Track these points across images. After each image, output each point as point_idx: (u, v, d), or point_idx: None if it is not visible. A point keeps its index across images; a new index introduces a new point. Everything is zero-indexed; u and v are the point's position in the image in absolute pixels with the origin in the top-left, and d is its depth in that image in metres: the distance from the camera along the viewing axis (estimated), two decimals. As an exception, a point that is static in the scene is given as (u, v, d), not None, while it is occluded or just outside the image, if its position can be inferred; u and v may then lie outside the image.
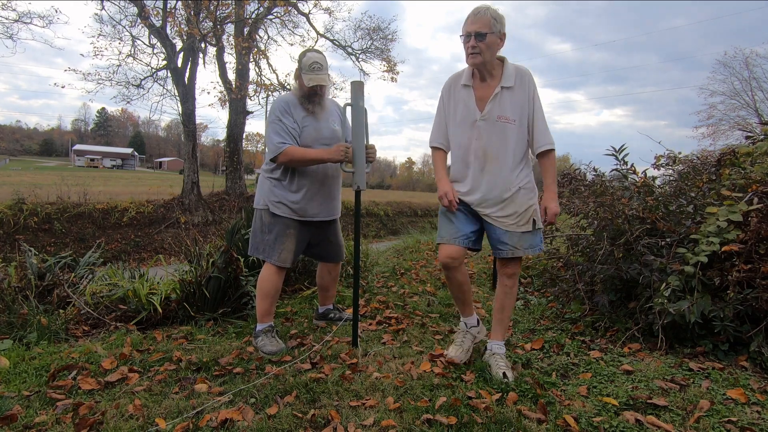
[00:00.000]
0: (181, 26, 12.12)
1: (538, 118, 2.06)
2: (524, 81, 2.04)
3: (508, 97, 2.04)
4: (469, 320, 2.36)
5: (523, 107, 2.05)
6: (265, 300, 2.51)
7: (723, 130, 19.85)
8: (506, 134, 2.05)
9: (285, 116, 2.44)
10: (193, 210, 13.24)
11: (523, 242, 2.09)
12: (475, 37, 1.97)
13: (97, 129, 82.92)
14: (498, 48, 2.03)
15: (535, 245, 2.11)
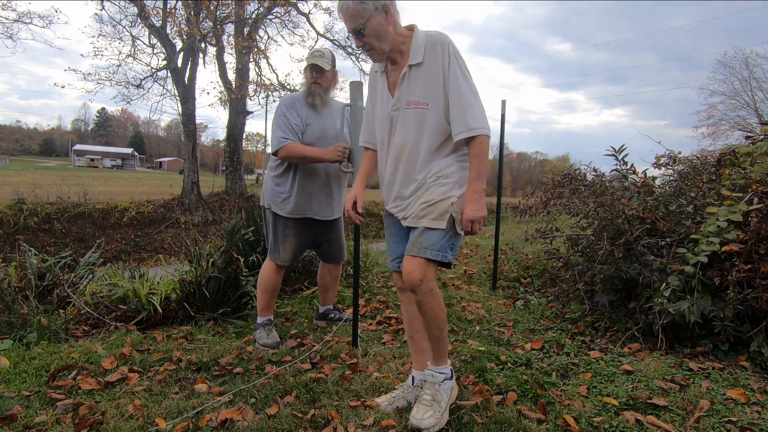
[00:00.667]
0: (181, 26, 12.12)
1: (454, 96, 1.58)
2: (436, 51, 1.58)
3: (417, 77, 1.62)
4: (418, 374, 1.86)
5: (438, 85, 1.60)
6: (264, 294, 2.58)
7: (723, 130, 19.88)
8: (422, 124, 1.63)
9: (289, 112, 2.47)
10: (193, 210, 13.23)
11: (424, 239, 1.60)
12: (356, 36, 1.61)
13: (97, 129, 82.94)
14: (388, 25, 1.60)
15: (440, 248, 1.59)
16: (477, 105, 1.59)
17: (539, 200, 4.26)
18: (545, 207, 4.18)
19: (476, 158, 1.59)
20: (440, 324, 1.68)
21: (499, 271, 4.35)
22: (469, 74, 1.61)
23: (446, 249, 1.61)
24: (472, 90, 1.60)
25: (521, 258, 4.95)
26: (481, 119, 1.57)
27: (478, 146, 1.58)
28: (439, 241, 1.60)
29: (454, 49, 1.60)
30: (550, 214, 4.23)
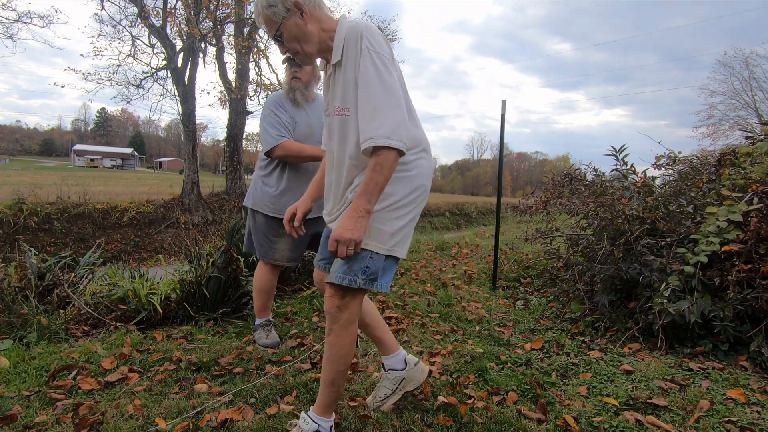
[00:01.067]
0: (181, 26, 12.13)
1: (362, 96, 1.34)
2: (350, 47, 1.37)
3: (338, 79, 1.43)
4: (387, 359, 1.79)
5: (354, 87, 1.38)
6: (260, 296, 2.54)
7: (723, 130, 19.89)
8: (345, 132, 1.45)
9: (279, 110, 2.42)
10: (193, 210, 13.24)
11: (336, 262, 1.43)
12: (276, 43, 1.47)
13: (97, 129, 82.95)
14: (306, 24, 1.42)
15: (345, 271, 1.38)
16: (387, 108, 1.30)
17: (539, 200, 4.26)
18: (545, 207, 4.18)
19: (369, 172, 1.30)
20: (341, 366, 1.45)
21: (499, 271, 4.35)
22: (387, 70, 1.34)
23: (355, 272, 1.38)
24: (386, 89, 1.31)
25: (521, 258, 4.95)
26: (387, 127, 1.28)
27: (374, 159, 1.30)
28: (346, 263, 1.39)
29: (369, 42, 1.34)
30: (550, 214, 4.24)
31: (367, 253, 1.40)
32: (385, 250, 1.42)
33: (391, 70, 1.35)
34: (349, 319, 1.43)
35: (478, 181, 74.02)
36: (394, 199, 1.41)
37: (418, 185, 1.47)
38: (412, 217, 1.48)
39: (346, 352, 1.45)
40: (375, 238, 1.40)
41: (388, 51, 1.38)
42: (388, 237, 1.41)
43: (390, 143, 1.28)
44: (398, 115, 1.31)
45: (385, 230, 1.41)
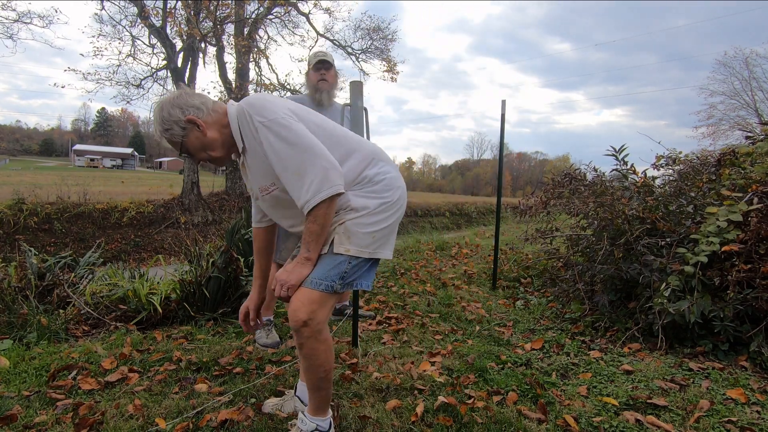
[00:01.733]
0: (181, 26, 12.13)
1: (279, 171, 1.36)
2: (245, 130, 1.40)
3: (252, 163, 1.47)
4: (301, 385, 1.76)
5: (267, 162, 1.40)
6: None
7: (723, 130, 19.90)
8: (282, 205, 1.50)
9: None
10: (193, 210, 13.24)
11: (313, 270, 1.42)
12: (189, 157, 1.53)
13: (97, 129, 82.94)
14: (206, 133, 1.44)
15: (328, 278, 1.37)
16: (307, 167, 1.31)
17: (539, 200, 4.26)
18: (545, 207, 4.18)
19: (307, 224, 1.35)
20: (321, 373, 1.43)
21: (499, 271, 4.35)
22: (288, 129, 1.33)
23: (332, 278, 1.37)
24: (296, 149, 1.32)
25: (521, 258, 4.95)
26: (315, 186, 1.30)
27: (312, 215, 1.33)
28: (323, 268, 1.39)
29: (256, 116, 1.35)
30: (550, 214, 4.24)
31: (345, 258, 1.40)
32: (367, 254, 1.43)
33: (293, 126, 1.34)
34: (318, 330, 1.38)
35: (478, 181, 74.03)
36: (374, 206, 1.44)
37: (393, 188, 1.49)
38: (393, 221, 1.50)
39: (321, 362, 1.42)
40: (355, 243, 1.41)
41: (281, 109, 1.37)
42: (370, 240, 1.43)
43: (323, 197, 1.31)
44: (320, 166, 1.31)
45: (365, 234, 1.42)
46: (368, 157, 1.50)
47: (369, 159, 1.50)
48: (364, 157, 1.49)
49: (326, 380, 1.47)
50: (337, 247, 1.40)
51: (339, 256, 1.40)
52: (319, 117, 1.49)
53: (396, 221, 1.53)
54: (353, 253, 1.41)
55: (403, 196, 1.55)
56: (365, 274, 1.47)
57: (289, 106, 1.42)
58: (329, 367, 1.45)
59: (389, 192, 1.48)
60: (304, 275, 1.38)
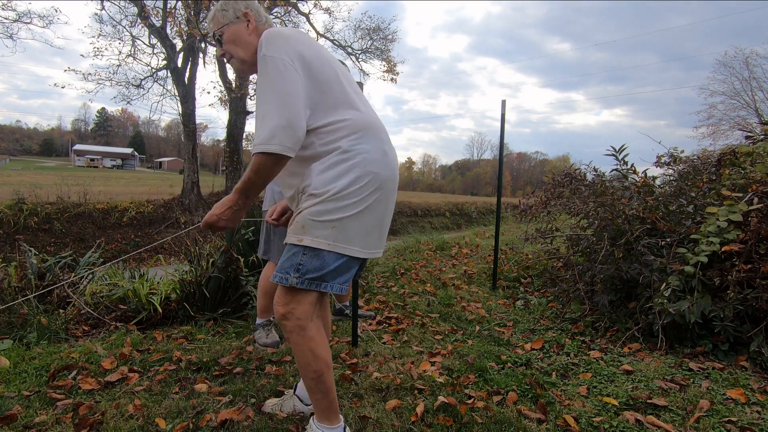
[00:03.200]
0: (181, 26, 12.13)
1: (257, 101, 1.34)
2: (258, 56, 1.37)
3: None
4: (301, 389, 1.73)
5: None
6: (264, 297, 2.57)
7: (723, 130, 19.91)
8: None
9: None
10: (193, 210, 13.24)
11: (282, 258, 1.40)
12: (217, 43, 1.52)
13: (97, 129, 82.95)
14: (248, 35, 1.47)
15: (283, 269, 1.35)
16: (271, 114, 1.26)
17: (539, 200, 4.26)
18: (545, 207, 4.18)
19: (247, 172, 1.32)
20: (310, 374, 1.37)
21: (499, 271, 4.35)
22: (279, 72, 1.29)
23: (286, 270, 1.34)
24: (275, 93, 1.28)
25: (521, 258, 4.95)
26: (265, 133, 1.25)
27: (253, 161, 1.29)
28: (282, 261, 1.37)
29: (266, 49, 1.32)
30: (551, 214, 4.24)
31: (299, 248, 1.33)
32: (326, 245, 1.32)
33: (285, 73, 1.29)
34: (298, 325, 1.35)
35: (478, 181, 74.02)
36: (334, 191, 1.32)
37: (363, 173, 1.34)
38: (362, 209, 1.35)
39: (308, 360, 1.36)
40: (309, 233, 1.33)
41: (287, 51, 1.31)
42: (329, 231, 1.32)
43: (264, 149, 1.25)
44: (278, 120, 1.25)
45: (322, 224, 1.32)
46: (355, 126, 1.37)
47: (354, 128, 1.37)
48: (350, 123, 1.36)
49: (317, 383, 1.38)
50: (290, 237, 1.36)
51: (293, 246, 1.35)
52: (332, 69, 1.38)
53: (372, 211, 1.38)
54: (306, 243, 1.32)
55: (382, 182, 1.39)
56: (332, 274, 1.35)
57: (302, 50, 1.33)
58: (316, 368, 1.37)
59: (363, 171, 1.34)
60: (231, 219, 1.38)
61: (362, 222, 1.36)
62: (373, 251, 1.43)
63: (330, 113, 1.35)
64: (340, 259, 1.36)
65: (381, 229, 1.44)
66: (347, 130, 1.36)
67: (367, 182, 1.35)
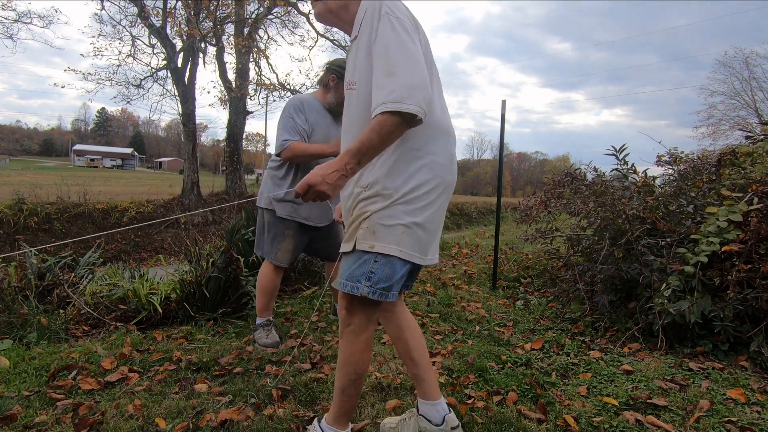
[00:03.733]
0: (181, 26, 12.13)
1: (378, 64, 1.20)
2: (366, 17, 1.25)
3: (353, 53, 1.33)
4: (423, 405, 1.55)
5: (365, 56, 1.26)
6: (263, 296, 2.57)
7: (723, 130, 19.92)
8: (348, 108, 1.35)
9: (298, 115, 2.46)
10: (193, 210, 13.24)
11: (342, 266, 1.34)
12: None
13: (97, 129, 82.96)
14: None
15: (348, 277, 1.28)
16: (404, 72, 1.15)
17: (539, 200, 4.26)
18: (545, 207, 4.18)
19: (367, 131, 1.16)
20: (352, 374, 1.34)
21: (499, 271, 4.35)
22: (409, 35, 1.20)
23: (357, 278, 1.26)
24: (406, 53, 1.17)
25: (521, 258, 4.95)
26: (400, 91, 1.12)
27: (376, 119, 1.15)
28: (349, 268, 1.28)
29: (388, 8, 1.21)
30: (551, 214, 4.24)
31: (371, 255, 1.25)
32: (397, 251, 1.24)
33: (414, 37, 1.21)
34: (360, 326, 1.31)
35: (478, 181, 74.01)
36: (404, 192, 1.25)
37: (432, 176, 1.28)
38: (430, 214, 1.28)
39: (356, 359, 1.33)
40: (381, 238, 1.24)
41: (410, 19, 1.24)
42: (400, 236, 1.24)
43: (398, 107, 1.12)
44: (416, 77, 1.14)
45: (393, 228, 1.24)
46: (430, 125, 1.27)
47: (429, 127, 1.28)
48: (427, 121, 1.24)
49: (354, 385, 1.36)
50: (361, 243, 1.26)
51: (363, 253, 1.26)
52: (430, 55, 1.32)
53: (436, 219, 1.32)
54: (378, 250, 1.24)
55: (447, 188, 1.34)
56: (398, 282, 1.29)
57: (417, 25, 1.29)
58: (360, 371, 1.35)
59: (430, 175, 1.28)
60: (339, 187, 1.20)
61: (428, 227, 1.30)
62: (432, 258, 1.37)
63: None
64: (405, 266, 1.30)
65: (439, 235, 1.39)
66: (425, 128, 1.27)
67: (435, 186, 1.29)
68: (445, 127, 1.34)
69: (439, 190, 1.31)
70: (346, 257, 1.32)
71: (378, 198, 1.26)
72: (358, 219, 1.29)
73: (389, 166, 1.26)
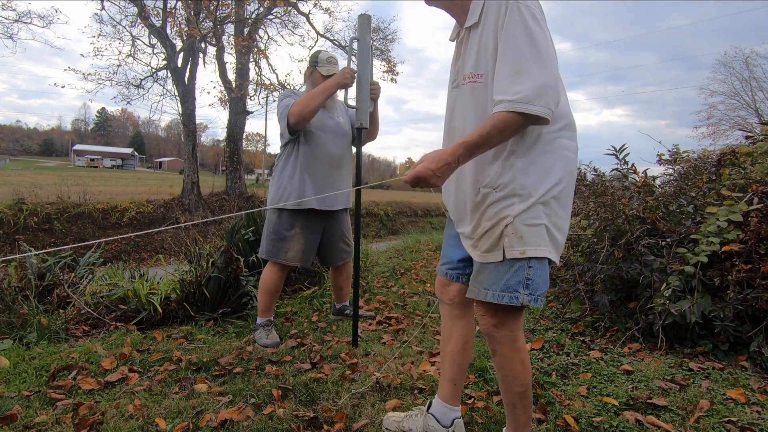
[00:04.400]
0: (181, 26, 12.12)
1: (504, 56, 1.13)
2: (492, 5, 1.18)
3: (474, 42, 1.24)
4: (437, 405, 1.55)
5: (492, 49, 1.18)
6: (265, 296, 2.57)
7: (723, 130, 19.90)
8: (475, 102, 1.24)
9: (291, 96, 2.52)
10: (193, 210, 13.23)
11: (483, 277, 1.26)
12: None
13: (97, 129, 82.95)
14: None
15: (504, 287, 1.22)
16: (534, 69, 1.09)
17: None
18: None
19: (488, 125, 1.12)
20: (517, 388, 1.29)
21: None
22: (539, 25, 1.12)
23: (514, 288, 1.21)
24: (535, 46, 1.10)
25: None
26: (529, 91, 1.07)
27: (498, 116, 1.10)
28: (501, 278, 1.21)
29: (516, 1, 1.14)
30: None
31: (524, 262, 1.20)
32: (547, 252, 1.19)
33: (544, 27, 1.14)
34: (512, 337, 1.27)
35: (478, 181, 73.72)
36: (543, 191, 1.18)
37: (564, 172, 1.21)
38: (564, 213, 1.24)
39: (518, 372, 1.27)
40: (530, 242, 1.18)
41: (540, 6, 1.17)
42: (545, 237, 1.19)
43: (525, 108, 1.07)
44: (547, 77, 1.09)
45: (538, 228, 1.18)
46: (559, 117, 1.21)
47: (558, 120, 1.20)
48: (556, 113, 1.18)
49: (522, 397, 1.30)
50: (510, 251, 1.19)
51: (514, 261, 1.20)
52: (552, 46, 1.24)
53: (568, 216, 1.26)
54: (530, 254, 1.19)
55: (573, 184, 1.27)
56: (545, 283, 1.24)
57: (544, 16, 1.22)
58: (524, 382, 1.29)
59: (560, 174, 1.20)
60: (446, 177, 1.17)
61: (563, 226, 1.25)
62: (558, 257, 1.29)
63: None
64: (547, 267, 1.25)
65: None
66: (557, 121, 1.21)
67: (568, 182, 1.23)
68: (570, 119, 1.27)
69: (571, 186, 1.26)
70: (492, 267, 1.24)
71: (515, 198, 1.19)
72: (500, 225, 1.21)
73: (522, 165, 1.19)
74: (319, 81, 2.58)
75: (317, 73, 2.62)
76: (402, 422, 1.58)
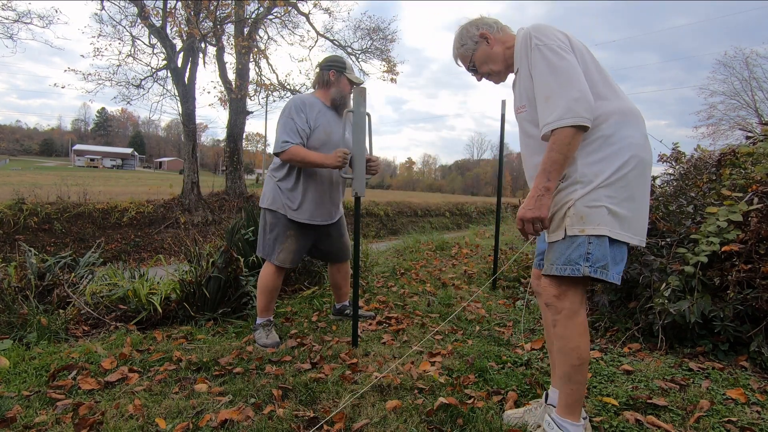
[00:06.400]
0: (181, 26, 12.12)
1: (537, 92, 1.42)
2: (522, 51, 1.48)
3: (517, 82, 1.57)
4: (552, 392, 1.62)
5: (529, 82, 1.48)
6: (264, 296, 2.57)
7: (723, 130, 19.90)
8: (523, 126, 1.56)
9: (298, 116, 2.45)
10: (193, 210, 13.24)
11: (552, 255, 1.44)
12: (472, 72, 1.72)
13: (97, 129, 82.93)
14: (491, 48, 1.63)
15: (565, 261, 1.39)
16: (558, 93, 1.34)
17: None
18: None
19: (547, 151, 1.36)
20: (574, 360, 1.40)
21: (499, 271, 4.35)
22: (557, 55, 1.37)
23: (575, 261, 1.37)
24: (557, 75, 1.36)
25: (521, 258, 4.95)
26: (558, 110, 1.33)
27: (551, 139, 1.36)
28: (563, 253, 1.39)
29: (536, 38, 1.42)
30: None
31: (584, 238, 1.37)
32: (607, 231, 1.36)
33: (563, 54, 1.37)
34: (572, 309, 1.40)
35: (478, 181, 74.01)
36: (604, 177, 1.37)
37: (627, 158, 1.38)
38: (632, 194, 1.39)
39: (576, 344, 1.40)
40: (590, 221, 1.36)
41: (558, 37, 1.41)
42: (607, 217, 1.36)
43: (562, 123, 1.32)
44: (571, 94, 1.32)
45: (599, 209, 1.36)
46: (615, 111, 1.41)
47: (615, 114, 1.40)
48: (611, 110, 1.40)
49: (578, 371, 1.40)
50: (571, 229, 1.38)
51: (575, 237, 1.38)
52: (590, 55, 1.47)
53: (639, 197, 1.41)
54: (590, 232, 1.36)
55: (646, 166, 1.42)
56: (612, 262, 1.38)
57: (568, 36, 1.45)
58: (582, 355, 1.40)
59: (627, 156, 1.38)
60: (547, 206, 1.37)
61: (632, 207, 1.40)
62: (641, 238, 1.43)
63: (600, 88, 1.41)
64: (617, 246, 1.41)
65: (646, 214, 1.46)
66: (608, 116, 1.40)
67: (634, 166, 1.39)
68: (628, 110, 1.44)
69: (638, 170, 1.40)
70: (556, 245, 1.42)
71: (577, 185, 1.39)
72: (563, 208, 1.41)
73: (585, 156, 1.39)
74: (347, 88, 2.57)
75: (345, 79, 2.58)
76: (523, 417, 1.67)
